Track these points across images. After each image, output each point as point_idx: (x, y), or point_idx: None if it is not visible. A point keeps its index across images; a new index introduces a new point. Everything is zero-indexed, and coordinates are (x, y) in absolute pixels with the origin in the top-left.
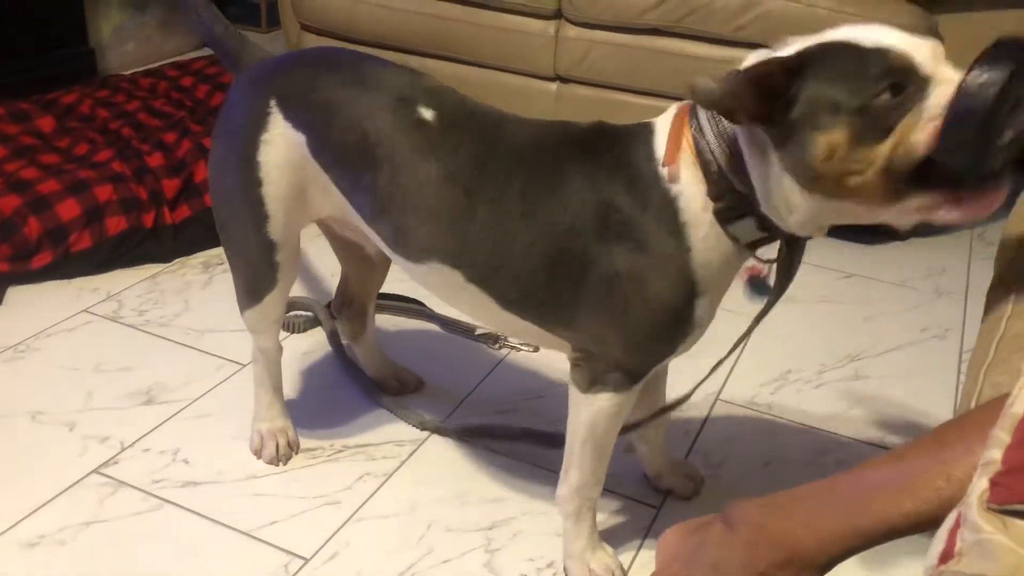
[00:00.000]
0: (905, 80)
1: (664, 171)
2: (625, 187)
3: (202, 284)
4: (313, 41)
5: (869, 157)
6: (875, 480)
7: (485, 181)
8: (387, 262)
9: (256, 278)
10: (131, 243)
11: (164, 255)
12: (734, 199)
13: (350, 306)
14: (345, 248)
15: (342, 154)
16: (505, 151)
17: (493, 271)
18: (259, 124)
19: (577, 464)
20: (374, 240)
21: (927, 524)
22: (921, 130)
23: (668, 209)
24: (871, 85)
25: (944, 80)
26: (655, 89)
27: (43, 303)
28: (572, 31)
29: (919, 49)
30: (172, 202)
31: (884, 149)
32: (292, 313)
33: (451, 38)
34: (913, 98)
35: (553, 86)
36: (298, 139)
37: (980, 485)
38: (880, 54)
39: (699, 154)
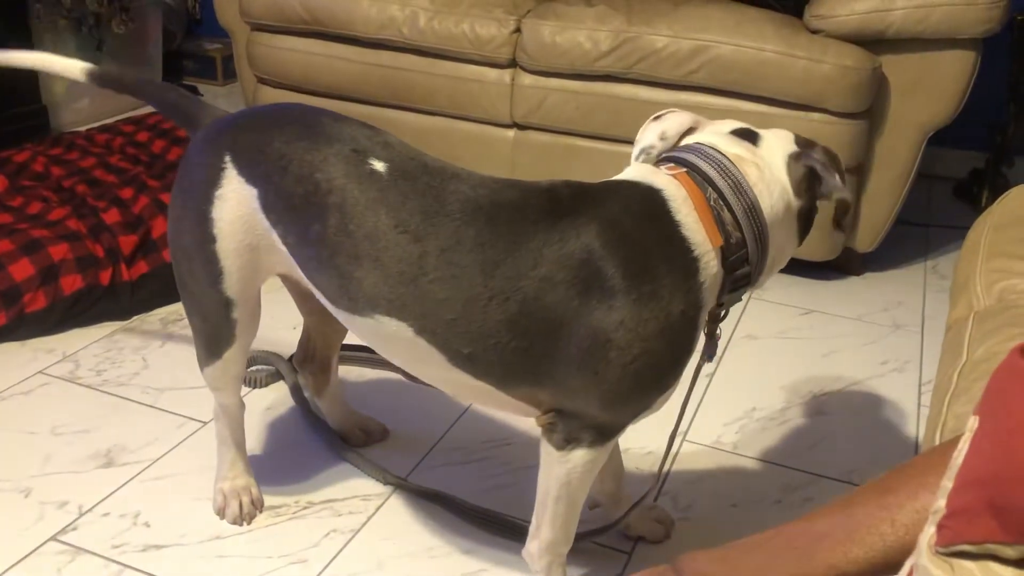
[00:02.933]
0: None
1: (688, 234)
2: (624, 245)
3: (161, 341)
4: (270, 94)
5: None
6: (822, 529)
7: (437, 230)
8: None
9: (215, 335)
10: (87, 302)
11: (121, 313)
12: (739, 261)
13: (312, 360)
14: (307, 301)
15: (291, 206)
16: (459, 202)
17: (445, 325)
18: (213, 180)
19: (549, 521)
20: (318, 296)
21: (876, 570)
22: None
23: (688, 270)
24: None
25: None
26: (610, 134)
27: None
28: (527, 79)
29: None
30: (129, 259)
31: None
32: (253, 368)
33: (408, 88)
34: None
35: (510, 133)
36: (250, 193)
37: (928, 532)
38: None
39: (720, 223)
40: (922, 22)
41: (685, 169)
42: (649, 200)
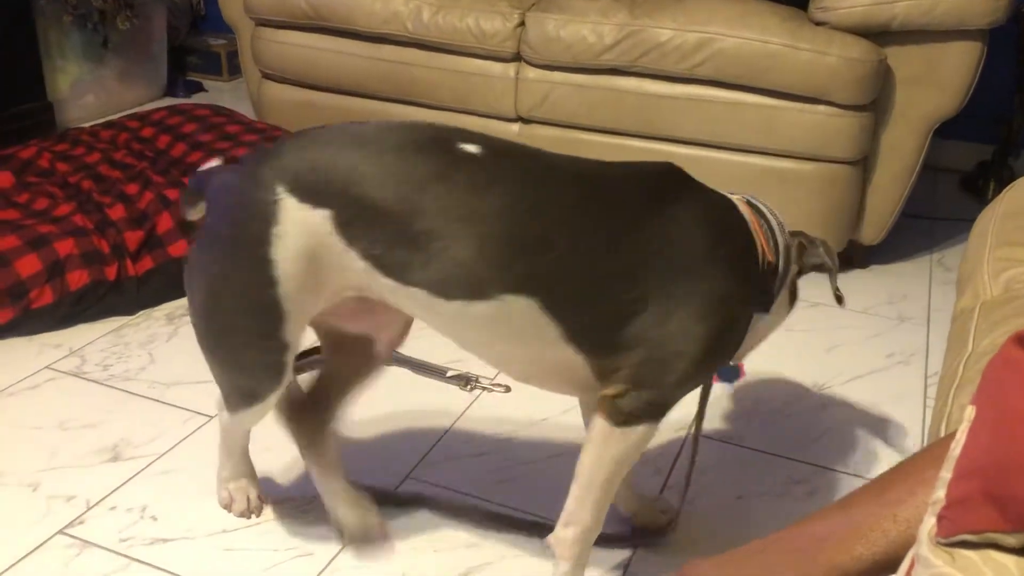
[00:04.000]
0: None
1: (756, 241)
2: (726, 232)
3: (167, 336)
4: (275, 89)
5: None
6: (824, 529)
7: (558, 204)
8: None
9: (258, 384)
10: (94, 297)
11: (127, 308)
12: (769, 284)
13: (315, 408)
14: (343, 344)
15: (378, 214)
16: (569, 177)
17: (571, 297)
18: (268, 217)
19: (592, 505)
20: (404, 305)
21: (880, 568)
22: None
23: (753, 269)
24: None
25: None
26: (615, 128)
27: (4, 361)
28: (532, 73)
29: None
30: (135, 254)
31: None
32: None
33: (413, 83)
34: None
35: (515, 127)
36: (320, 217)
37: (929, 523)
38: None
39: (770, 246)
40: (927, 13)
41: (742, 196)
42: (729, 205)
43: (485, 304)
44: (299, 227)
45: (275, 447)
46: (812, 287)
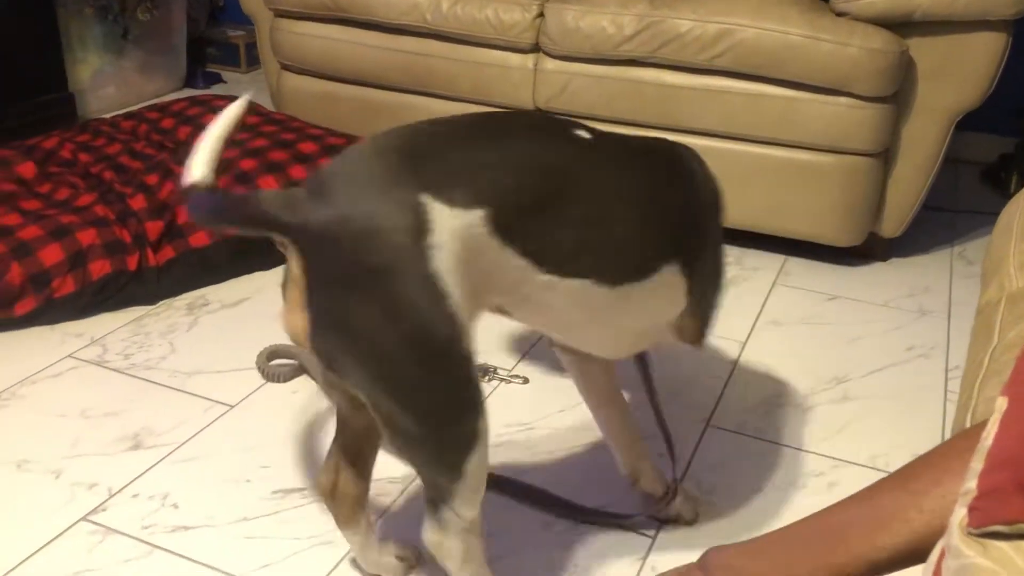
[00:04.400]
0: None
1: None
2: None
3: (187, 326)
4: (293, 80)
5: None
6: (848, 518)
7: (655, 180)
8: None
9: (462, 424)
10: (115, 287)
11: (148, 298)
12: None
13: (352, 468)
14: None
15: (532, 207)
16: (645, 152)
17: (692, 251)
18: (420, 229)
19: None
20: (549, 304)
21: (902, 557)
22: None
23: None
24: None
25: None
26: (633, 119)
27: (27, 350)
28: (550, 64)
29: None
30: (155, 244)
31: None
32: (275, 362)
33: (430, 74)
34: None
35: None
36: (474, 219)
37: (960, 514)
38: None
39: None
40: (951, 4)
41: None
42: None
43: (648, 280)
44: (455, 232)
45: (294, 434)
46: (832, 279)
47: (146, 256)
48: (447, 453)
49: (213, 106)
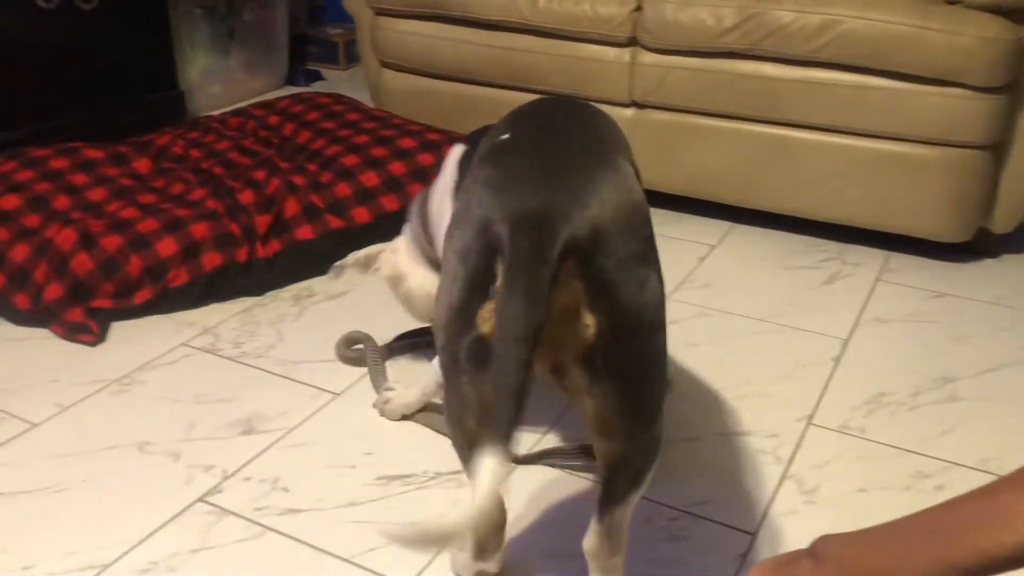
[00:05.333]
0: None
1: None
2: None
3: (294, 316)
4: (393, 77)
5: None
6: (967, 513)
7: None
8: None
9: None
10: (225, 278)
11: (257, 288)
12: None
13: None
14: None
15: None
16: None
17: None
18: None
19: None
20: None
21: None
22: None
23: None
24: None
25: None
26: (733, 112)
27: (144, 337)
28: (648, 57)
29: None
30: (263, 237)
31: None
32: (357, 347)
33: (527, 69)
34: None
35: (629, 112)
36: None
37: None
38: None
39: None
40: None
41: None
42: None
43: None
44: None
45: (400, 424)
46: (939, 276)
47: (255, 248)
48: (662, 427)
49: (316, 103)
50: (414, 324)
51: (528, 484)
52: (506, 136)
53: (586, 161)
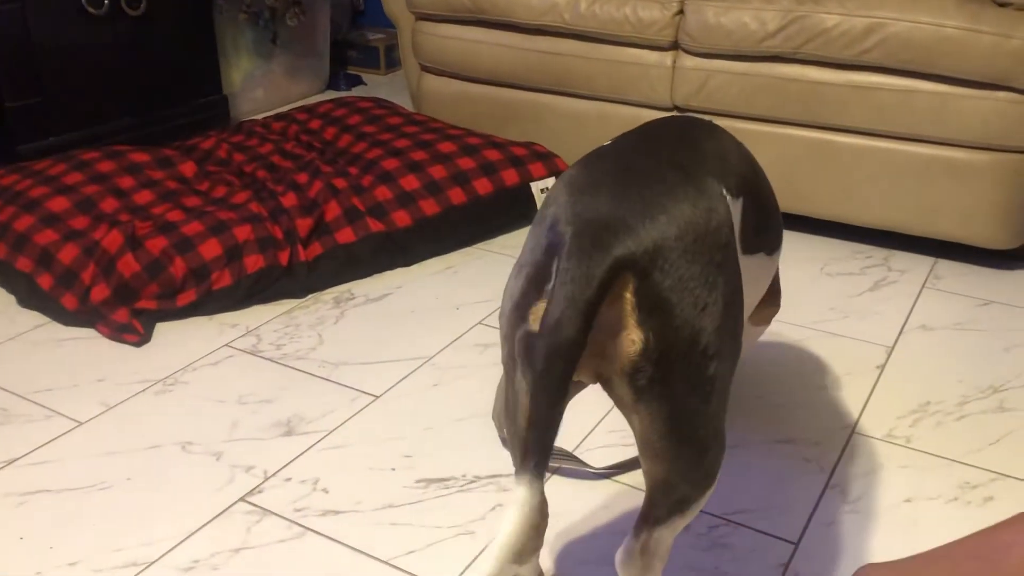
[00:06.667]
0: None
1: None
2: None
3: (335, 319)
4: (434, 81)
5: None
6: (1008, 538)
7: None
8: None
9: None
10: (268, 280)
11: (298, 291)
12: None
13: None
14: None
15: (752, 199)
16: None
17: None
18: (729, 215)
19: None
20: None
21: None
22: None
23: None
24: None
25: None
26: (776, 116)
27: (188, 338)
28: (689, 61)
29: None
30: (305, 240)
31: None
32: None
33: (568, 73)
34: None
35: None
36: (735, 207)
37: None
38: None
39: None
40: None
41: None
42: None
43: (777, 254)
44: (731, 218)
45: (435, 425)
46: (987, 283)
47: (296, 252)
48: (716, 461)
49: (358, 107)
50: (452, 321)
51: (564, 489)
52: (608, 142)
53: (671, 176)
